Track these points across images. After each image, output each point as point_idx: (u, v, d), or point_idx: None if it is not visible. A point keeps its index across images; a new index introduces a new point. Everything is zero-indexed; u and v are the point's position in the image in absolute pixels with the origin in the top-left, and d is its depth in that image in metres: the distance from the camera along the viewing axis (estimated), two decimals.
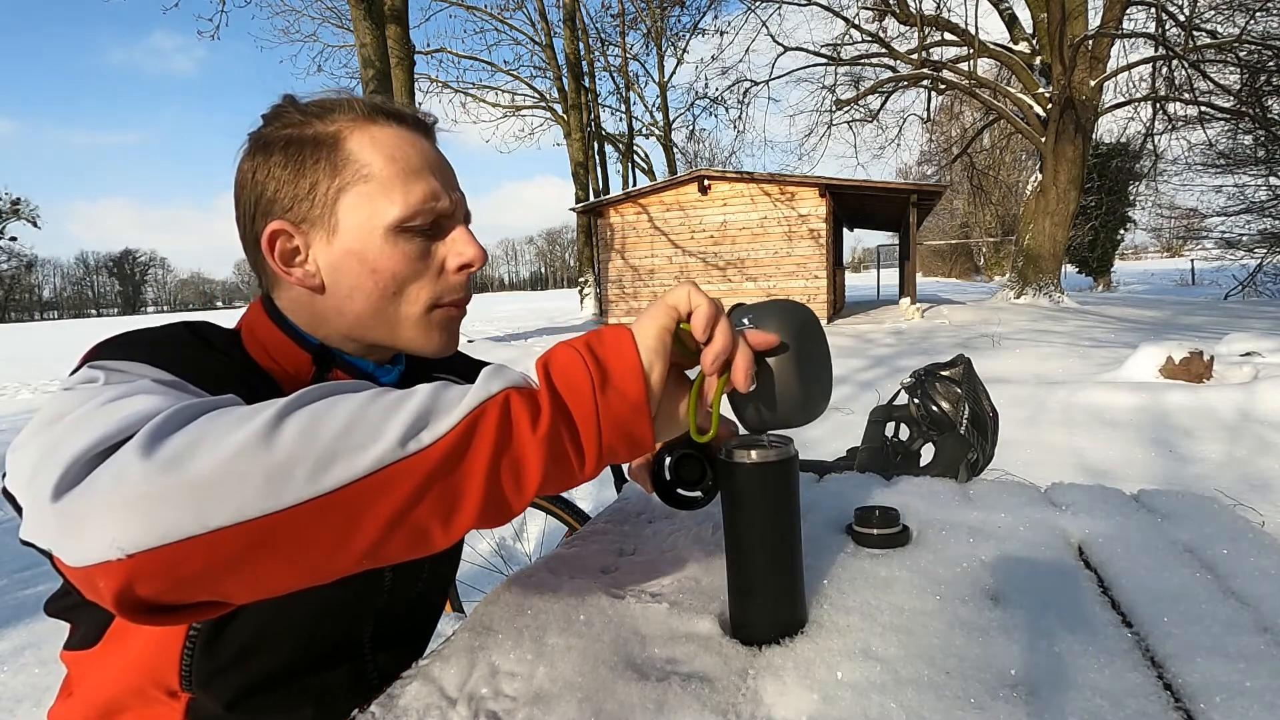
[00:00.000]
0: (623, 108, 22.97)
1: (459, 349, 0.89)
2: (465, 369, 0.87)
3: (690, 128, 27.04)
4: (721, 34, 16.94)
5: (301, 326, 0.65)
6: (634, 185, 20.71)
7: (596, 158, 19.90)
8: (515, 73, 21.43)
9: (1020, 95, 12.15)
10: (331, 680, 0.68)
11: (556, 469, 0.44)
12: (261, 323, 0.66)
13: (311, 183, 0.60)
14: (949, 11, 13.29)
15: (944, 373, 1.28)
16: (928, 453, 1.22)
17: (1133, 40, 11.52)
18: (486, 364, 0.88)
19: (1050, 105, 11.32)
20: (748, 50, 20.84)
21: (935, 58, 13.52)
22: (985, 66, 13.84)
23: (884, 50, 13.93)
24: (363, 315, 0.63)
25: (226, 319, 0.75)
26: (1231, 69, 11.19)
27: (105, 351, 0.53)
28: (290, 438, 0.37)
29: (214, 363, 0.59)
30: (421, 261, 0.62)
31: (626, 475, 0.79)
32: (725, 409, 0.56)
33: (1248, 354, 4.83)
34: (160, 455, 0.36)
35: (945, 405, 1.24)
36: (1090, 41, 10.65)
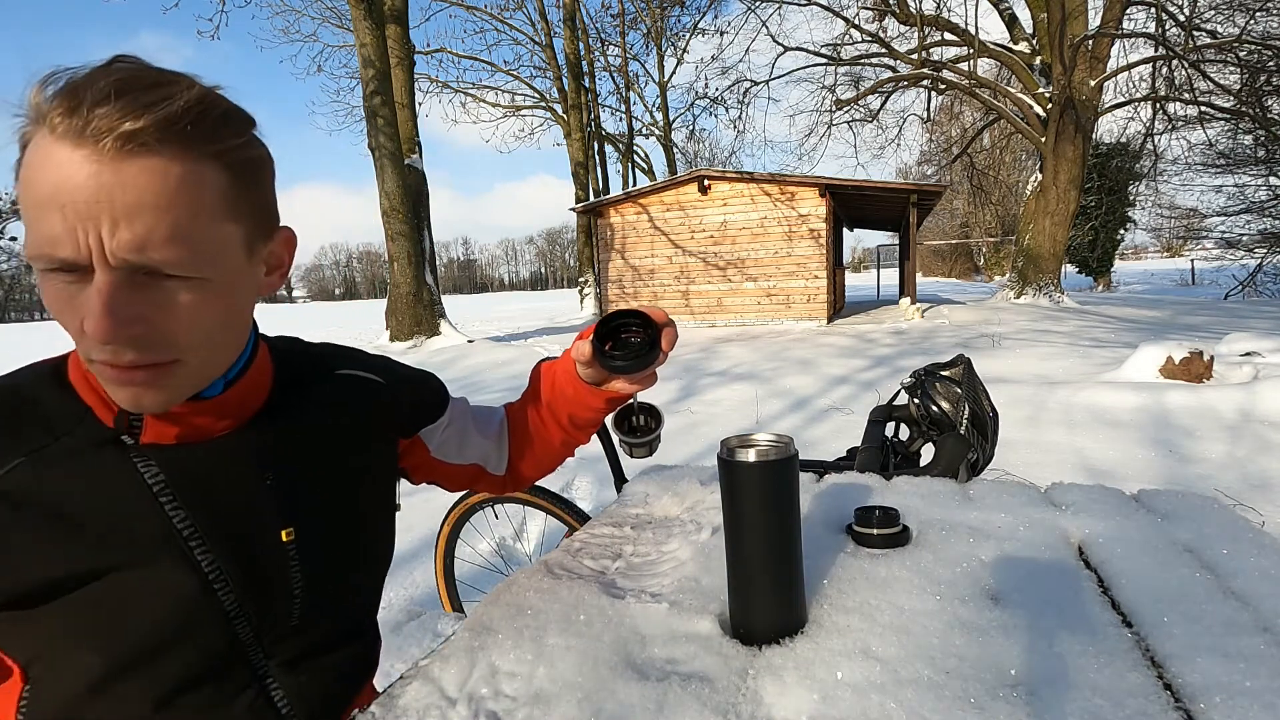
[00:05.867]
0: (623, 108, 22.97)
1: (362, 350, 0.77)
2: (350, 388, 0.72)
3: (690, 128, 27.12)
4: (721, 34, 16.99)
5: None
6: (634, 185, 20.71)
7: (596, 158, 19.90)
8: (515, 73, 21.43)
9: (1020, 95, 12.15)
10: (225, 717, 0.61)
11: None
12: None
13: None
14: (949, 11, 13.29)
15: (944, 373, 1.28)
16: (928, 453, 1.22)
17: (1133, 40, 11.52)
18: (411, 371, 0.79)
19: (1050, 105, 11.32)
20: (748, 50, 20.92)
21: (935, 58, 13.52)
22: (985, 66, 13.85)
23: (884, 50, 13.93)
24: None
25: None
26: (1231, 69, 11.18)
27: None
28: None
29: None
30: (68, 307, 0.49)
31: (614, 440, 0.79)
32: None
33: (1248, 354, 4.83)
34: None
35: (945, 405, 1.24)
36: (1090, 41, 10.65)
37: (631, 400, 0.79)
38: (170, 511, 0.56)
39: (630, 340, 0.71)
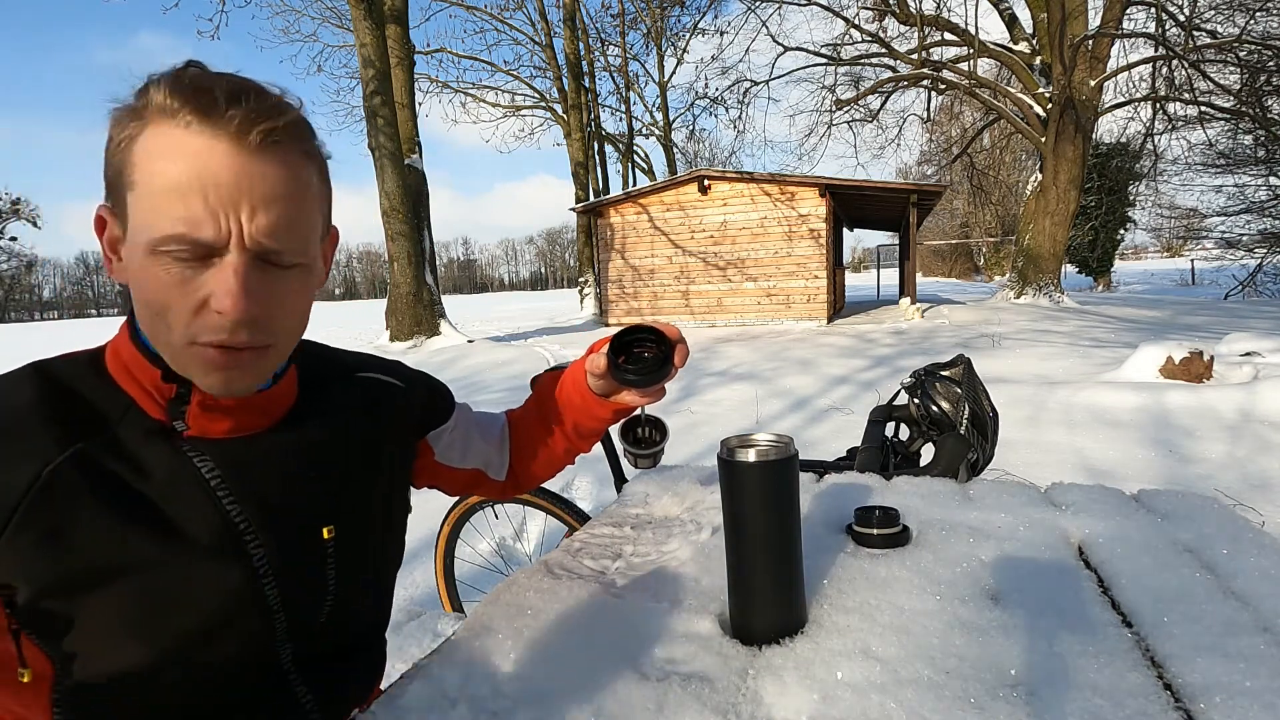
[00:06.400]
0: (623, 108, 22.95)
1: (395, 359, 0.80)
2: (373, 391, 0.73)
3: (690, 128, 27.13)
4: (721, 34, 16.99)
5: (145, 333, 0.56)
6: (634, 185, 20.70)
7: (596, 158, 19.88)
8: (515, 73, 21.40)
9: (1020, 95, 12.14)
10: (251, 713, 0.61)
11: None
12: (123, 335, 0.58)
13: (117, 168, 0.52)
14: (949, 11, 13.28)
15: (944, 373, 1.28)
16: (928, 453, 1.22)
17: (1133, 40, 11.51)
18: (422, 374, 0.81)
19: (1050, 105, 11.31)
20: (748, 50, 20.92)
21: (935, 58, 13.51)
22: (985, 66, 13.84)
23: (884, 50, 13.92)
24: (149, 329, 0.55)
25: None
26: (1231, 69, 11.17)
27: None
28: None
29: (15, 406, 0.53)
30: (180, 289, 0.51)
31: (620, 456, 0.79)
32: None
33: (1248, 354, 4.83)
34: None
35: (945, 405, 1.24)
36: (1090, 41, 10.65)
37: (638, 412, 0.80)
38: (227, 505, 0.57)
39: (643, 355, 0.73)
